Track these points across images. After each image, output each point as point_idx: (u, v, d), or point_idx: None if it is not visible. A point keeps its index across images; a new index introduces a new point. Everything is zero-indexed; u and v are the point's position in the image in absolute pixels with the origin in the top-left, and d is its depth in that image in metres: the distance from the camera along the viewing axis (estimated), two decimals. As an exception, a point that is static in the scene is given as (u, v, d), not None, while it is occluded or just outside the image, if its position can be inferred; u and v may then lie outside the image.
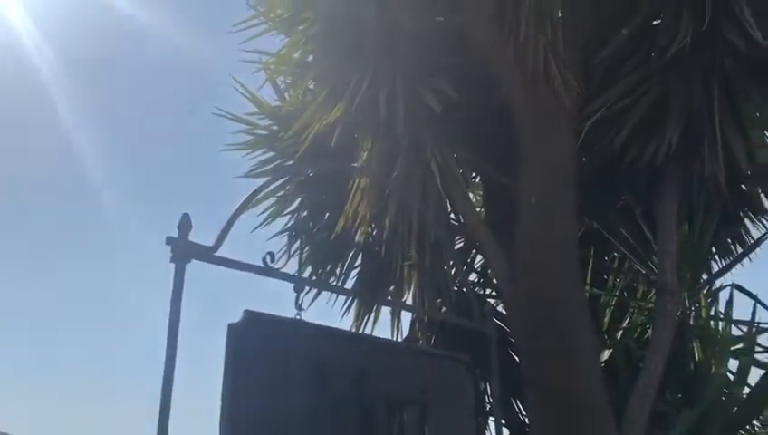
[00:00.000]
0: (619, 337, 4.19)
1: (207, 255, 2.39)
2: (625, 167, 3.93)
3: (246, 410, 2.28)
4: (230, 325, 2.35)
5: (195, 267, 2.30)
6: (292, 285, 2.66)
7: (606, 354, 4.13)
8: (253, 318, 2.40)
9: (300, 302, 2.59)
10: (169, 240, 2.31)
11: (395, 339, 4.52)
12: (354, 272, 4.75)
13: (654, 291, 4.06)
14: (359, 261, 4.77)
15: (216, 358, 2.32)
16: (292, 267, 2.83)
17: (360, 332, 4.56)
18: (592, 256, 4.37)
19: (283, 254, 3.03)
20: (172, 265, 2.30)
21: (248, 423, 2.27)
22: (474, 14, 3.85)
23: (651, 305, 4.13)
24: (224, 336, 2.33)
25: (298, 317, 2.58)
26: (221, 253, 2.49)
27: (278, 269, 2.60)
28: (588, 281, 4.26)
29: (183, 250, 2.31)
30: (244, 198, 2.79)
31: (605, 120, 3.82)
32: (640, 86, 3.81)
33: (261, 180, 4.66)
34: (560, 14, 3.69)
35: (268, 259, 2.56)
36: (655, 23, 3.85)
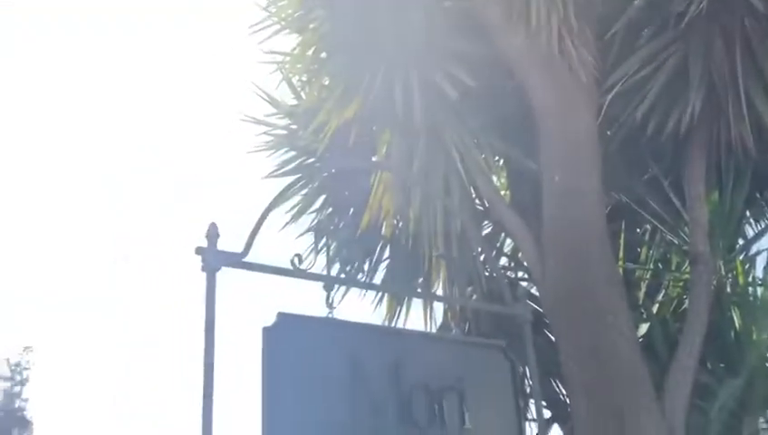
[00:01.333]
0: (655, 311, 4.13)
1: (237, 261, 2.42)
2: (649, 137, 3.88)
3: (286, 410, 2.31)
4: (264, 328, 2.38)
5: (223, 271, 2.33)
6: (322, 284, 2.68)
7: (643, 329, 4.08)
8: (286, 320, 2.42)
9: (331, 300, 2.61)
10: (199, 250, 2.34)
11: (428, 330, 4.53)
12: (383, 265, 4.76)
13: (688, 261, 4.00)
14: (387, 254, 4.78)
15: (250, 362, 2.35)
16: (320, 265, 2.85)
17: (393, 325, 4.58)
18: (623, 231, 4.32)
19: (311, 252, 3.04)
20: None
21: (289, 424, 2.30)
22: (483, -4, 3.81)
23: (686, 276, 4.08)
24: (258, 339, 2.36)
25: (330, 316, 2.60)
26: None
27: (306, 270, 2.62)
28: (620, 256, 4.21)
29: (213, 259, 2.34)
30: (269, 200, 2.81)
31: (625, 93, 3.77)
32: (659, 54, 3.76)
33: (282, 181, 4.71)
34: (571, -12, 3.64)
35: (296, 261, 2.58)
36: (669, -12, 3.78)
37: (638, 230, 4.59)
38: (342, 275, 3.24)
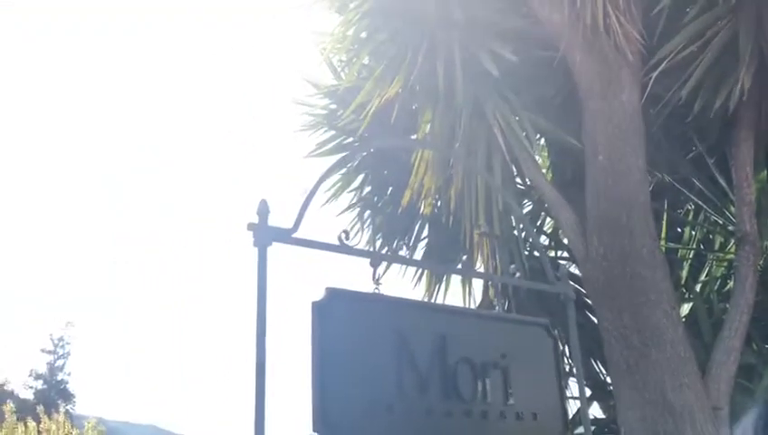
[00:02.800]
0: (698, 290, 4.09)
1: (287, 237, 2.46)
2: (695, 115, 3.82)
3: (336, 382, 2.35)
4: (314, 303, 2.42)
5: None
6: (366, 260, 2.70)
7: (686, 308, 4.05)
8: (335, 294, 2.46)
9: (377, 276, 2.64)
10: (251, 226, 2.39)
11: (467, 306, 4.55)
12: (422, 243, 4.79)
13: (732, 241, 3.95)
14: (425, 233, 4.80)
15: (299, 336, 2.39)
16: (363, 242, 2.88)
17: (432, 301, 4.60)
18: (666, 210, 4.27)
19: (354, 230, 3.08)
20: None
21: (339, 395, 2.34)
22: (526, -28, 3.77)
23: (730, 256, 4.02)
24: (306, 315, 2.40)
25: (376, 291, 2.64)
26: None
27: (353, 247, 2.65)
28: (663, 235, 4.17)
29: (264, 234, 2.39)
30: (308, 180, 2.83)
31: (671, 70, 3.70)
32: (707, 30, 3.68)
33: (324, 160, 4.75)
34: (617, -37, 3.58)
35: (343, 237, 2.61)
36: (717, -38, 3.69)
37: (681, 210, 4.54)
38: (387, 252, 3.27)
